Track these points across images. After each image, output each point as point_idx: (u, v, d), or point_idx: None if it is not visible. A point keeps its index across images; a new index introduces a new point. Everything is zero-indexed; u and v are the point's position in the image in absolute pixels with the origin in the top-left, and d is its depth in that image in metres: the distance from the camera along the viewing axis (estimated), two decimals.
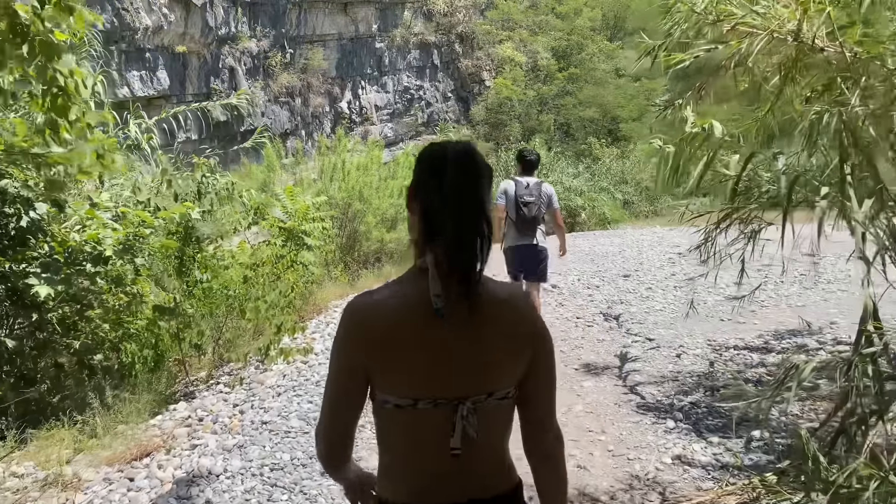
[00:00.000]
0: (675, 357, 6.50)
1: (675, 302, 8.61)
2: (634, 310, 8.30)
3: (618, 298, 8.87)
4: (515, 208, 6.41)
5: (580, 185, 22.99)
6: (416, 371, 1.51)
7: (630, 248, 13.12)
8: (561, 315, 8.16)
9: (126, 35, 24.41)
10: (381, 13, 31.50)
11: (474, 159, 1.53)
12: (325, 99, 30.25)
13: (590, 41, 33.54)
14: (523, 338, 1.59)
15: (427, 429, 1.53)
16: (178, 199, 7.80)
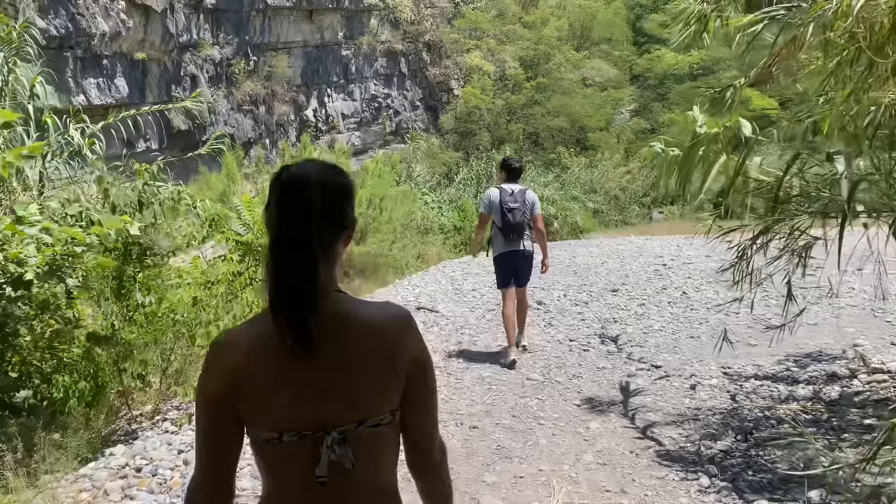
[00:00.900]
0: (690, 389, 5.59)
1: (674, 321, 7.73)
2: (631, 330, 7.39)
3: (610, 316, 7.95)
4: (501, 215, 6.30)
5: (552, 194, 22.19)
6: (278, 404, 1.45)
7: (611, 259, 12.26)
8: (552, 337, 7.21)
9: (82, 41, 23.08)
10: (347, 21, 30.48)
11: (305, 185, 1.45)
12: (290, 107, 29.13)
13: (557, 51, 32.88)
14: (395, 361, 1.49)
15: (296, 462, 1.47)
16: (116, 210, 6.74)
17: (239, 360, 1.45)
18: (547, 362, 6.41)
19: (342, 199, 1.52)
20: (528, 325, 7.60)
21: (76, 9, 22.83)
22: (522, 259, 6.49)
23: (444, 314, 8.45)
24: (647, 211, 27.38)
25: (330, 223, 1.47)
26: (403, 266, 14.20)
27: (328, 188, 1.47)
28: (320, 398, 1.44)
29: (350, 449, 1.45)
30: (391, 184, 14.60)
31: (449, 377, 6.13)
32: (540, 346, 6.93)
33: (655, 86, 35.44)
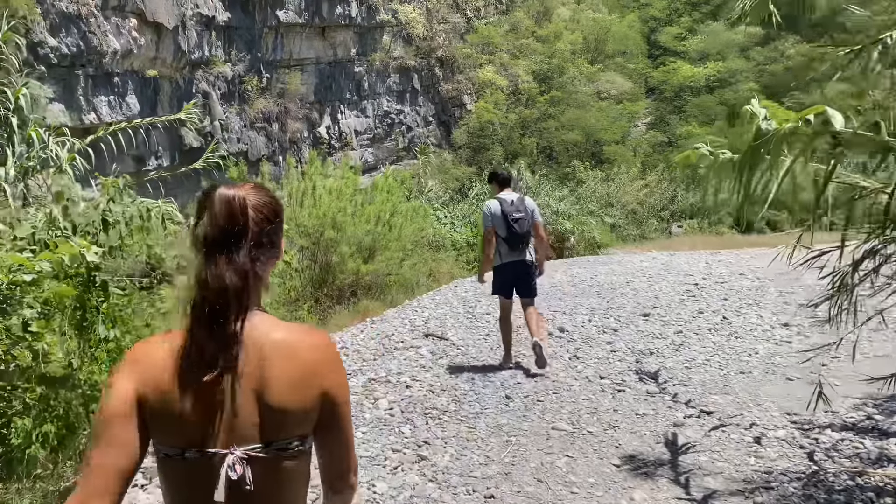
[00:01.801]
0: (754, 443, 4.46)
1: (718, 351, 6.59)
2: (671, 364, 6.26)
3: (644, 347, 6.83)
4: (506, 225, 6.06)
5: (567, 208, 21.07)
6: (183, 419, 1.39)
7: (637, 277, 11.12)
8: (580, 373, 6.08)
9: (93, 59, 22.36)
10: (359, 37, 29.66)
11: (230, 206, 1.45)
12: (303, 124, 28.30)
13: (571, 64, 31.85)
14: (308, 388, 1.44)
15: (196, 483, 1.40)
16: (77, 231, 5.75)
17: (154, 372, 1.41)
18: (575, 406, 5.30)
19: (274, 221, 1.52)
20: (550, 357, 6.50)
21: (87, 27, 22.15)
22: (525, 268, 6.21)
23: (455, 342, 7.36)
24: (665, 225, 26.16)
25: (260, 242, 1.47)
26: (414, 285, 13.17)
27: (260, 209, 1.48)
28: (229, 416, 1.40)
29: (251, 471, 1.39)
30: (401, 199, 13.57)
31: (460, 424, 5.04)
32: (566, 383, 5.82)
33: (671, 98, 34.33)
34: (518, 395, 5.59)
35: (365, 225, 12.09)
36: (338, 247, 11.59)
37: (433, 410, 5.32)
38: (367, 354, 7.31)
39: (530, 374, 6.09)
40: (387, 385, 6.03)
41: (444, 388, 5.81)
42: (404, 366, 6.60)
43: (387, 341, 7.83)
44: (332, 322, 10.49)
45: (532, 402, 5.43)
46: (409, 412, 5.33)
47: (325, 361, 1.47)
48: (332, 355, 1.50)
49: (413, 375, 6.24)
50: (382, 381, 6.17)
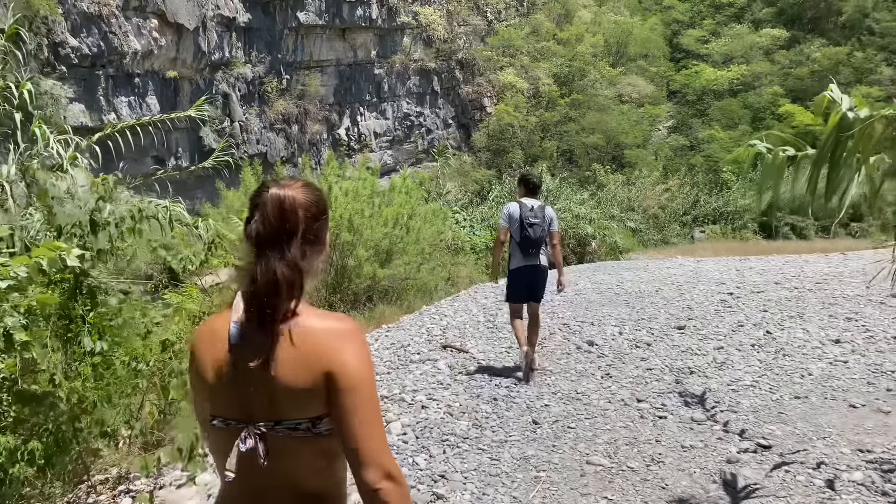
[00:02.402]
0: (826, 488, 3.76)
1: (766, 371, 5.87)
2: (715, 385, 5.56)
3: (683, 364, 6.12)
4: (521, 230, 5.92)
5: (588, 212, 20.33)
6: (215, 389, 1.50)
7: (666, 285, 10.40)
8: (614, 395, 5.39)
9: (114, 60, 22.02)
10: (380, 39, 29.12)
11: (281, 206, 1.51)
12: (322, 126, 27.81)
13: (592, 67, 31.05)
14: (313, 370, 1.45)
15: (221, 448, 1.51)
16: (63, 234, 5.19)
17: (200, 346, 1.55)
18: (612, 435, 4.62)
19: (320, 218, 1.58)
20: (581, 374, 5.84)
21: (108, 27, 21.82)
22: (540, 274, 6.08)
23: (475, 355, 6.71)
24: (688, 230, 25.30)
25: (308, 239, 1.53)
26: (433, 289, 12.53)
27: (309, 208, 1.54)
28: (249, 392, 1.46)
29: (264, 446, 1.44)
30: (419, 201, 12.94)
31: (481, 455, 4.39)
32: (599, 407, 5.13)
33: (694, 102, 33.40)
34: (546, 419, 4.92)
35: (382, 228, 11.47)
36: (354, 250, 10.98)
37: (451, 437, 4.67)
38: (381, 367, 6.68)
39: (559, 394, 5.43)
40: (401, 405, 5.39)
41: (464, 410, 5.15)
42: (420, 382, 5.96)
43: (402, 352, 7.19)
44: None
45: (562, 428, 4.76)
46: (425, 438, 4.68)
47: (334, 342, 1.47)
48: (344, 337, 1.48)
49: (429, 394, 5.60)
50: (396, 399, 5.53)
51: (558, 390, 5.50)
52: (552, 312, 8.52)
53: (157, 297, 8.28)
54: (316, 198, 1.56)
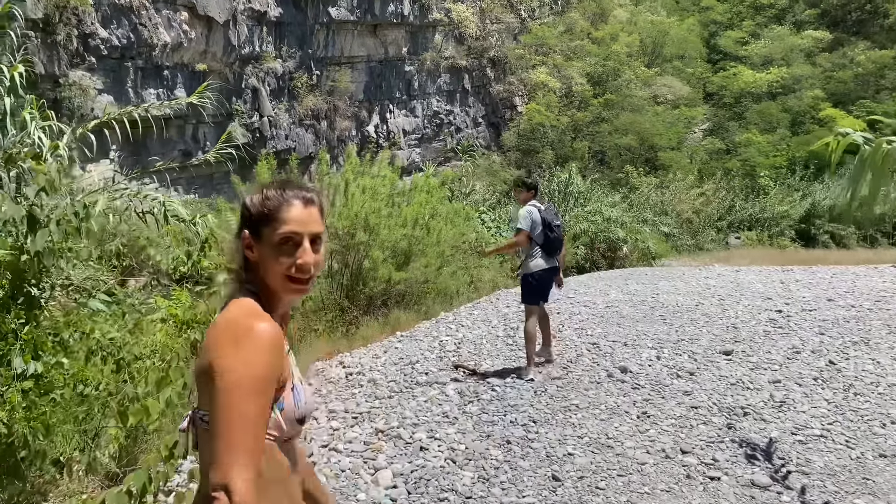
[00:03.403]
0: None
1: (839, 416, 4.77)
2: (776, 432, 4.48)
3: (735, 402, 5.05)
4: (546, 233, 5.83)
5: (619, 215, 19.15)
6: None
7: (706, 298, 9.28)
8: (654, 443, 4.34)
9: (143, 51, 21.44)
10: (411, 36, 28.19)
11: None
12: (351, 122, 27.01)
13: (626, 67, 29.74)
14: (203, 363, 1.41)
15: None
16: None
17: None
18: (652, 502, 3.60)
19: (251, 219, 1.57)
20: (612, 411, 4.82)
21: (138, 19, 21.25)
22: (556, 274, 6.09)
23: (490, 381, 5.71)
24: (723, 236, 23.94)
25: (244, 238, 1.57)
26: (454, 294, 11.56)
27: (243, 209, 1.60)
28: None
29: (194, 431, 1.46)
30: (442, 201, 11.96)
31: None
32: (635, 459, 4.10)
33: (731, 104, 31.86)
34: (570, 473, 3.91)
35: (400, 228, 10.51)
36: (370, 251, 10.06)
37: (451, 495, 3.69)
38: (383, 388, 5.73)
39: (585, 438, 4.41)
40: (396, 444, 4.42)
41: (470, 457, 4.17)
42: (423, 413, 4.99)
43: (409, 370, 6.24)
44: (358, 334, 9.01)
45: (589, 488, 3.75)
46: (419, 494, 3.72)
47: (214, 336, 1.42)
48: (218, 332, 1.42)
49: (431, 430, 4.63)
50: (392, 435, 4.57)
51: (585, 433, 4.48)
52: (580, 328, 7.49)
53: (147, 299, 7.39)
54: (250, 202, 1.54)
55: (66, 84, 19.69)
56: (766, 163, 28.49)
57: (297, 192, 1.52)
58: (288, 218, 1.49)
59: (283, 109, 25.52)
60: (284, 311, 1.58)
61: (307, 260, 1.48)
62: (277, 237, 1.48)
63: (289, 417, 1.49)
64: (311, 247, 1.50)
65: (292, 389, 1.51)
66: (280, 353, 1.44)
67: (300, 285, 1.50)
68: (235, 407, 1.32)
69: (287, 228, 1.48)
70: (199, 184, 24.27)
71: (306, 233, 1.49)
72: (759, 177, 27.18)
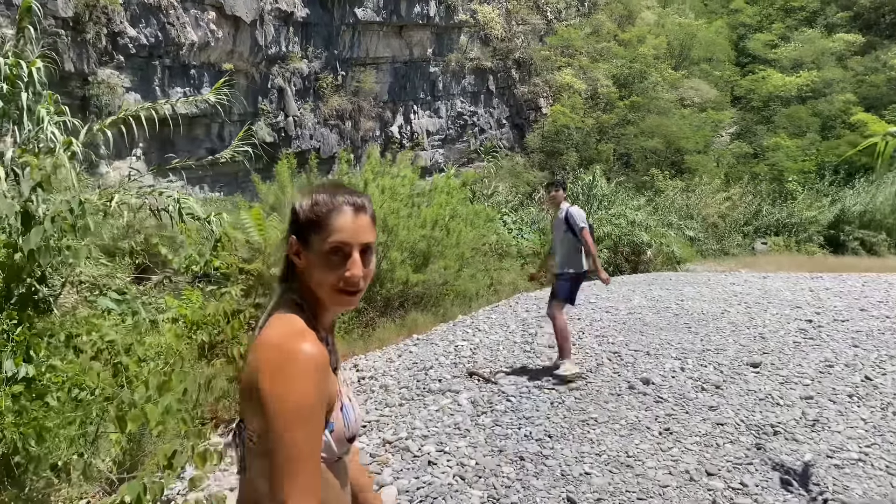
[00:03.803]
0: None
1: (875, 438, 4.42)
2: (809, 454, 4.15)
3: (764, 420, 4.72)
4: (591, 233, 5.79)
5: (644, 219, 18.72)
6: None
7: (732, 306, 8.91)
8: (677, 463, 4.03)
9: (170, 50, 21.48)
10: (436, 37, 27.97)
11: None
12: (375, 123, 26.86)
13: (653, 69, 29.20)
14: (245, 382, 1.35)
15: None
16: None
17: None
18: None
19: (293, 225, 1.49)
20: (633, 427, 4.52)
21: (167, 18, 21.30)
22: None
23: (505, 390, 5.43)
24: (749, 241, 23.36)
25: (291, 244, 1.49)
26: (473, 296, 11.30)
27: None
28: None
29: (239, 444, 1.40)
30: (462, 202, 11.70)
31: None
32: (657, 481, 3.80)
33: (759, 108, 31.13)
34: (586, 495, 3.63)
35: (419, 229, 10.28)
36: (388, 252, 9.85)
37: None
38: (394, 395, 5.49)
39: (604, 456, 4.12)
40: (403, 456, 4.17)
41: (481, 473, 3.90)
42: (433, 422, 4.74)
43: (422, 377, 5.99)
44: (375, 336, 8.81)
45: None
46: None
47: (257, 358, 1.33)
48: (264, 355, 1.33)
49: (441, 442, 4.37)
50: (400, 447, 4.32)
51: (604, 450, 4.19)
52: (601, 336, 7.18)
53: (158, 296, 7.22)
54: (299, 206, 1.45)
55: (94, 82, 19.79)
56: (795, 167, 27.80)
57: (347, 199, 1.41)
58: (338, 227, 1.39)
59: (308, 109, 25.47)
60: (330, 320, 1.49)
61: (356, 273, 1.38)
62: (327, 246, 1.39)
63: (339, 437, 1.41)
64: (361, 258, 1.40)
65: (341, 409, 1.43)
66: (326, 374, 1.35)
67: (349, 297, 1.41)
68: (290, 438, 1.27)
69: (337, 238, 1.39)
70: (223, 182, 24.27)
71: (356, 243, 1.39)
72: (786, 181, 26.53)
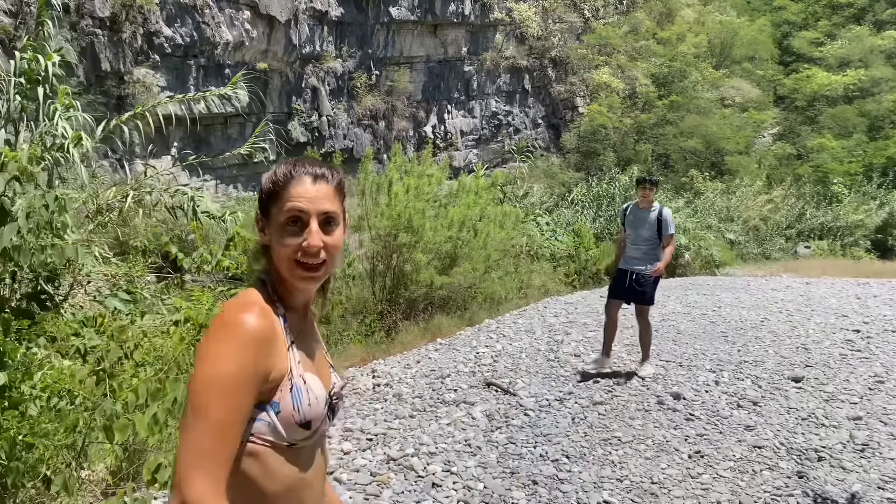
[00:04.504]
0: None
1: None
2: (859, 486, 3.68)
3: (807, 443, 4.25)
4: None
5: (682, 221, 18.10)
6: None
7: (773, 314, 8.38)
8: (707, 492, 3.58)
9: (205, 49, 21.57)
10: (471, 36, 27.61)
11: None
12: (409, 122, 26.66)
13: (693, 68, 28.37)
14: None
15: None
16: None
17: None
18: None
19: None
20: (660, 448, 4.10)
21: (202, 17, 21.41)
22: None
23: (524, 403, 5.05)
24: (791, 245, 22.50)
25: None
26: (502, 299, 10.95)
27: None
28: None
29: None
30: (490, 203, 11.34)
31: None
32: None
33: (803, 108, 30.03)
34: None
35: (445, 230, 9.95)
36: (412, 253, 9.56)
37: None
38: (406, 406, 5.15)
39: (626, 482, 3.72)
40: (406, 476, 3.83)
41: (488, 499, 3.53)
42: (444, 438, 4.39)
43: (438, 385, 5.65)
44: (397, 340, 8.53)
45: None
46: None
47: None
48: (214, 323, 1.27)
49: (449, 461, 4.02)
50: (403, 466, 3.98)
51: (626, 475, 3.78)
52: (630, 344, 6.74)
53: None
54: (263, 180, 1.42)
55: (130, 81, 19.95)
56: (840, 169, 26.76)
57: (307, 168, 1.35)
58: (295, 194, 1.32)
59: (341, 109, 25.37)
60: (305, 300, 1.41)
61: (314, 243, 1.30)
62: (283, 216, 1.32)
63: (287, 421, 1.28)
64: (322, 228, 1.32)
65: (290, 389, 1.29)
66: (266, 349, 1.25)
67: (308, 272, 1.32)
68: (200, 406, 1.17)
69: (291, 205, 1.32)
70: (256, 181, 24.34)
71: (315, 211, 1.31)
72: (831, 184, 25.54)
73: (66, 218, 3.61)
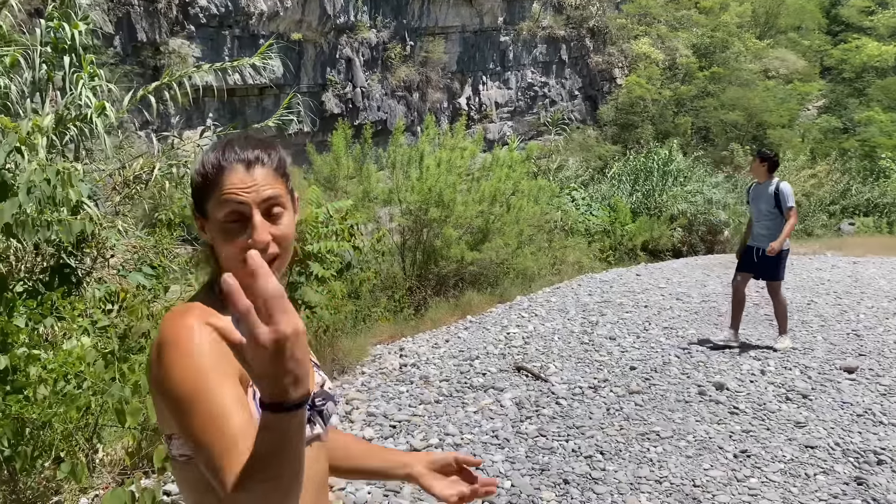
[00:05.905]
0: None
1: None
2: None
3: (865, 444, 3.87)
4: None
5: (722, 197, 17.46)
6: None
7: (819, 296, 7.91)
8: (756, 499, 3.24)
9: (240, 20, 21.34)
10: (508, 5, 26.86)
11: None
12: (443, 94, 26.16)
13: (736, 39, 27.25)
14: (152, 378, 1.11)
15: None
16: None
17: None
18: None
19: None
20: (702, 445, 3.77)
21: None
22: None
23: (556, 391, 4.74)
24: (835, 221, 21.63)
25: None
26: (534, 275, 10.61)
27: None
28: None
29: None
30: (523, 176, 10.94)
31: None
32: None
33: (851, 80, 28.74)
34: None
35: (477, 205, 9.62)
36: (443, 228, 9.26)
37: None
38: (432, 390, 4.89)
39: (665, 483, 3.41)
40: None
41: (515, 500, 3.26)
42: (470, 428, 4.11)
43: (466, 368, 5.38)
44: (427, 316, 8.28)
45: None
46: None
47: (153, 352, 1.10)
48: (158, 344, 1.09)
49: (475, 453, 3.74)
50: None
51: (666, 475, 3.47)
52: (669, 328, 6.38)
53: None
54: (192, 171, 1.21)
55: (165, 52, 19.84)
56: (890, 143, 25.59)
57: (237, 154, 1.15)
58: (227, 186, 1.14)
59: (375, 80, 24.97)
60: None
61: (260, 238, 1.11)
62: (221, 213, 1.15)
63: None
64: (267, 218, 1.14)
65: (254, 396, 1.13)
66: (223, 346, 1.01)
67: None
68: (209, 423, 1.01)
69: (226, 198, 1.13)
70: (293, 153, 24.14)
71: (254, 202, 1.13)
72: (880, 158, 24.45)
73: (72, 192, 3.37)
